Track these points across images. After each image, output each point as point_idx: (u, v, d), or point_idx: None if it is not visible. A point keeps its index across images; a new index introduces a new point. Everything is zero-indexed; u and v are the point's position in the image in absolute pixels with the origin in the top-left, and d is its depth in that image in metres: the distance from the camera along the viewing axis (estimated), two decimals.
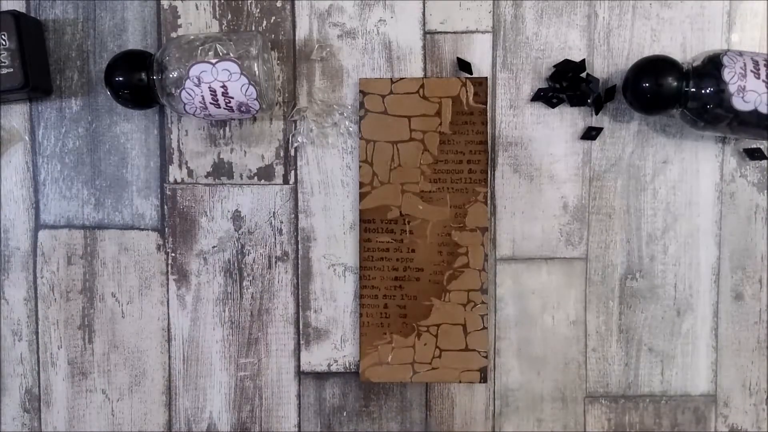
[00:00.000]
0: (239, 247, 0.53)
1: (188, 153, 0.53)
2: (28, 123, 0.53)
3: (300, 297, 0.53)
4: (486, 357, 0.52)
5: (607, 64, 0.51)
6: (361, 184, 0.51)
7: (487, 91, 0.51)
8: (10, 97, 0.51)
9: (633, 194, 0.51)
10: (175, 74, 0.47)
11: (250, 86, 0.46)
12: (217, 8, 0.52)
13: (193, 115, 0.48)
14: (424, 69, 0.52)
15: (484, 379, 0.52)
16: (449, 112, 0.51)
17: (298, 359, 0.54)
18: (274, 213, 0.53)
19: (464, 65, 0.51)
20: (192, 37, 0.48)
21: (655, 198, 0.51)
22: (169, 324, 0.54)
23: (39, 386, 0.55)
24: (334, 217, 0.53)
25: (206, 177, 0.53)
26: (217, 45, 0.47)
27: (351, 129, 0.52)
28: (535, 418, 0.53)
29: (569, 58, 0.51)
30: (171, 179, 0.53)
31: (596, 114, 0.51)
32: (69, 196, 0.54)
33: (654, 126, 0.51)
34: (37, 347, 0.54)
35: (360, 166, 0.51)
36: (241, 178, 0.53)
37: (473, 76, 0.51)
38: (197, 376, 0.54)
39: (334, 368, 0.54)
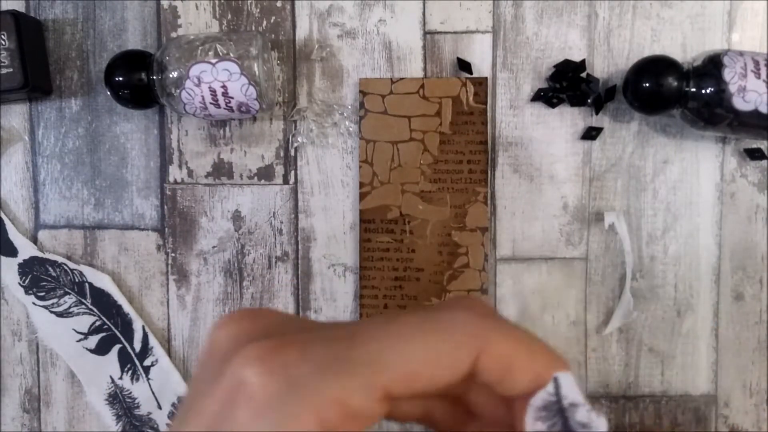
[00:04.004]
0: (239, 247, 0.53)
1: (188, 153, 0.53)
2: (27, 123, 0.53)
3: (300, 297, 0.53)
4: None
5: (607, 64, 0.51)
6: (361, 184, 0.51)
7: (487, 91, 0.51)
8: (10, 97, 0.51)
9: (633, 194, 0.51)
10: (175, 74, 0.47)
11: (250, 86, 0.46)
12: (217, 8, 0.52)
13: (193, 115, 0.48)
14: (424, 69, 0.52)
15: None
16: (449, 112, 0.51)
17: None
18: (274, 213, 0.53)
19: (464, 65, 0.51)
20: (192, 37, 0.48)
21: (655, 198, 0.51)
22: (169, 324, 0.54)
23: (39, 386, 0.55)
24: (334, 217, 0.53)
25: (206, 177, 0.53)
26: (217, 45, 0.47)
27: (351, 129, 0.52)
28: None
29: (569, 58, 0.51)
30: (171, 179, 0.53)
31: (596, 114, 0.51)
32: (69, 196, 0.54)
33: (654, 126, 0.51)
34: (37, 347, 0.54)
35: (360, 166, 0.51)
36: (241, 178, 0.53)
37: (473, 76, 0.51)
38: None
39: None
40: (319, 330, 0.19)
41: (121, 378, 0.54)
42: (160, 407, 0.53)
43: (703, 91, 0.45)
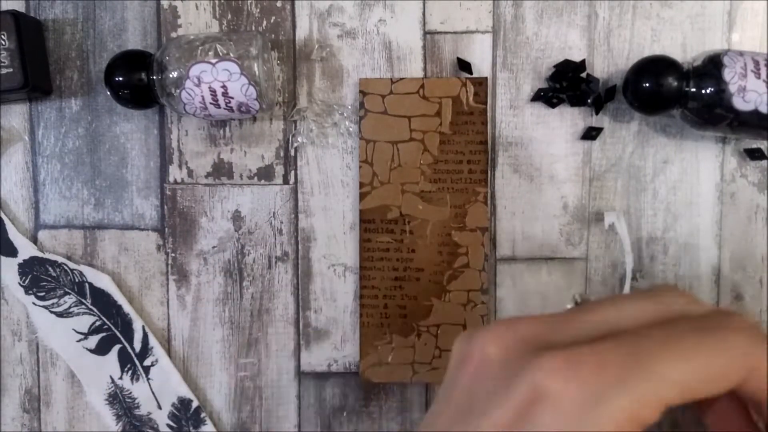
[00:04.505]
0: (239, 247, 0.53)
1: (188, 153, 0.53)
2: (27, 123, 0.53)
3: (300, 297, 0.53)
4: None
5: (607, 64, 0.51)
6: (361, 184, 0.51)
7: (487, 91, 0.51)
8: (10, 97, 0.51)
9: (633, 194, 0.51)
10: (175, 74, 0.47)
11: (250, 86, 0.46)
12: (217, 8, 0.52)
13: (193, 115, 0.48)
14: (424, 69, 0.52)
15: None
16: (449, 112, 0.51)
17: (298, 359, 0.54)
18: (274, 213, 0.53)
19: (464, 65, 0.51)
20: (192, 37, 0.48)
21: (655, 198, 0.51)
22: (169, 324, 0.54)
23: (39, 386, 0.55)
24: (334, 217, 0.53)
25: (206, 177, 0.53)
26: (217, 45, 0.47)
27: (351, 129, 0.52)
28: None
29: (569, 58, 0.51)
30: (171, 179, 0.53)
31: (596, 114, 0.51)
32: (69, 196, 0.54)
33: (654, 126, 0.51)
34: (37, 347, 0.54)
35: (360, 166, 0.51)
36: (241, 178, 0.53)
37: (473, 76, 0.51)
38: (197, 376, 0.54)
39: (334, 368, 0.54)
40: (597, 338, 0.21)
41: (121, 378, 0.54)
42: (160, 407, 0.53)
43: (703, 91, 0.45)
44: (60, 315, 0.53)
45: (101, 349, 0.53)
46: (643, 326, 0.21)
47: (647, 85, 0.46)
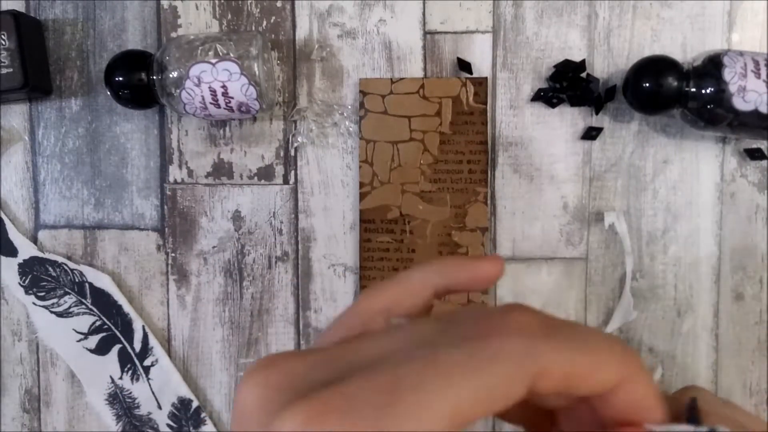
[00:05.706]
0: (239, 247, 0.53)
1: (188, 153, 0.53)
2: (27, 123, 0.53)
3: (300, 297, 0.53)
4: None
5: (607, 64, 0.51)
6: (361, 184, 0.51)
7: (487, 91, 0.51)
8: (10, 97, 0.51)
9: (633, 194, 0.51)
10: (175, 74, 0.47)
11: (250, 86, 0.46)
12: (217, 8, 0.52)
13: (193, 115, 0.48)
14: (424, 69, 0.52)
15: None
16: (449, 112, 0.51)
17: None
18: (274, 213, 0.53)
19: (464, 65, 0.51)
20: (192, 37, 0.48)
21: (655, 198, 0.51)
22: (169, 324, 0.54)
23: (39, 386, 0.55)
24: (334, 217, 0.53)
25: (206, 177, 0.53)
26: (217, 45, 0.47)
27: (351, 129, 0.52)
28: None
29: (569, 58, 0.51)
30: (171, 179, 0.53)
31: (596, 114, 0.51)
32: (69, 196, 0.54)
33: (654, 126, 0.51)
34: (37, 347, 0.54)
35: (360, 166, 0.51)
36: (241, 178, 0.53)
37: (473, 76, 0.51)
38: (197, 376, 0.54)
39: None
40: (353, 375, 0.17)
41: (121, 378, 0.54)
42: (160, 407, 0.53)
43: (703, 91, 0.45)
44: (60, 315, 0.53)
45: (101, 349, 0.53)
46: (408, 347, 0.18)
47: (647, 85, 0.46)
